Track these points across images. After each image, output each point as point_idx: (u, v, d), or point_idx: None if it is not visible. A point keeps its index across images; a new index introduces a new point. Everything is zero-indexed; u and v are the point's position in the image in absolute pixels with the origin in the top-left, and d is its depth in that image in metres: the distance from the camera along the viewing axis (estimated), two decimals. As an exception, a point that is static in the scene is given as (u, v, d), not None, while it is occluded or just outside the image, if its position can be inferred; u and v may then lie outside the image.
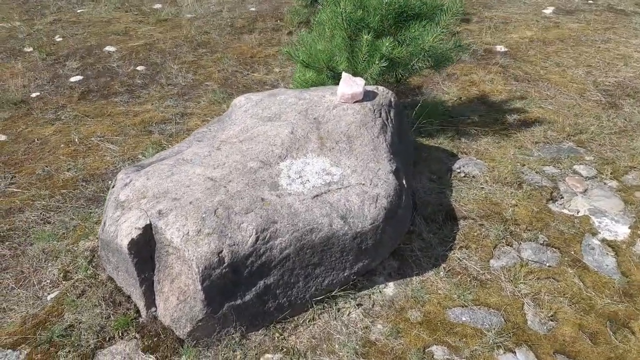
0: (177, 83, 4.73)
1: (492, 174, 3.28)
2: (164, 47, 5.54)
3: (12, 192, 3.33)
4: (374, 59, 3.07)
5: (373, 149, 2.59)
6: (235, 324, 2.23)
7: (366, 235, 2.32)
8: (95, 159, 3.63)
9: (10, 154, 3.74)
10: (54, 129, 4.05)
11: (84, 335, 2.30)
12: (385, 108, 2.83)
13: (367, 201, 2.34)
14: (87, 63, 5.22)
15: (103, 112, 4.26)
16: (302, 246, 2.23)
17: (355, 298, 2.45)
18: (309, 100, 2.90)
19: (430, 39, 3.02)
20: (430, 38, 3.02)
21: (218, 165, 2.48)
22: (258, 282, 2.21)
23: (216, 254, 2.11)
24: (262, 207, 2.26)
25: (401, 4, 3.15)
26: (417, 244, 2.74)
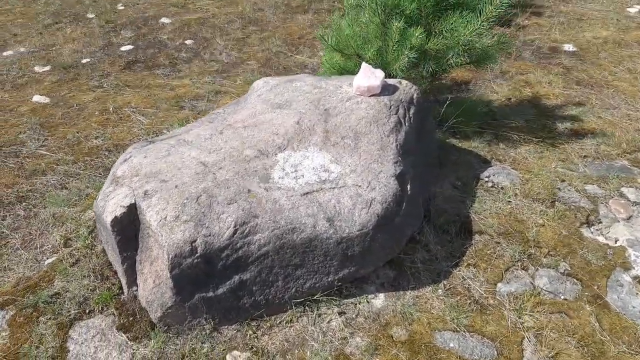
0: (220, 60, 4.70)
1: (524, 187, 2.96)
2: (216, 23, 5.54)
3: (41, 154, 3.46)
4: (404, 50, 2.84)
5: (380, 149, 2.39)
6: (206, 316, 2.16)
7: (353, 241, 2.15)
8: (123, 130, 3.68)
9: (49, 117, 3.88)
10: (93, 96, 4.15)
11: (67, 304, 2.33)
12: (404, 105, 2.61)
13: (359, 205, 2.17)
14: (140, 33, 5.32)
15: (142, 84, 4.32)
16: (282, 245, 2.10)
17: (339, 305, 2.30)
18: (324, 89, 2.73)
19: (466, 32, 2.73)
20: (466, 31, 2.73)
21: (214, 150, 2.40)
22: (233, 277, 2.12)
23: (189, 242, 2.03)
24: (247, 199, 2.15)
25: (440, -7, 2.88)
26: (421, 255, 2.52)
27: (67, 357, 2.12)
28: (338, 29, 3.14)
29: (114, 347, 2.16)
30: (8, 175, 3.25)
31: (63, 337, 2.20)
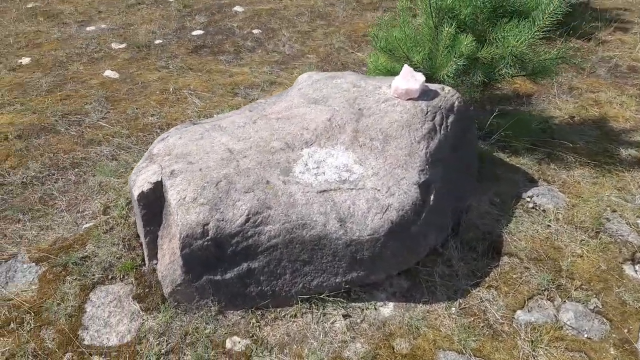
0: (282, 51, 4.77)
1: (568, 212, 2.76)
2: (286, 14, 5.61)
3: (100, 125, 3.69)
4: (452, 56, 2.73)
5: (407, 155, 2.32)
6: (213, 298, 2.21)
7: (362, 245, 2.11)
8: (177, 110, 3.84)
9: (115, 91, 4.12)
10: (158, 76, 4.36)
11: (93, 268, 2.47)
12: (442, 112, 2.51)
13: (374, 209, 2.12)
14: (213, 19, 5.51)
15: (204, 68, 4.47)
16: (292, 239, 2.11)
17: (345, 307, 2.27)
18: (363, 89, 2.69)
19: (516, 43, 2.58)
20: (516, 41, 2.58)
21: (243, 138, 2.44)
22: (242, 264, 2.15)
23: (202, 225, 2.09)
24: (264, 189, 2.17)
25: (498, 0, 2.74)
26: (440, 269, 2.43)
27: (83, 317, 2.25)
28: (388, 30, 3.08)
29: (126, 315, 2.26)
30: (68, 142, 3.50)
31: (83, 299, 2.34)
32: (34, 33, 5.26)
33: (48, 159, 3.33)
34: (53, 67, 4.60)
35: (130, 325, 2.23)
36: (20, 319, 2.24)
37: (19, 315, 2.25)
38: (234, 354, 2.11)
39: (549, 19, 2.58)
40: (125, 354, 2.11)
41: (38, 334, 2.18)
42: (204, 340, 2.14)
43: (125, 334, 2.19)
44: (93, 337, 2.18)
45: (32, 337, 2.16)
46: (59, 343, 2.14)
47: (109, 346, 2.14)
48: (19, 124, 3.69)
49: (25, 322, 2.23)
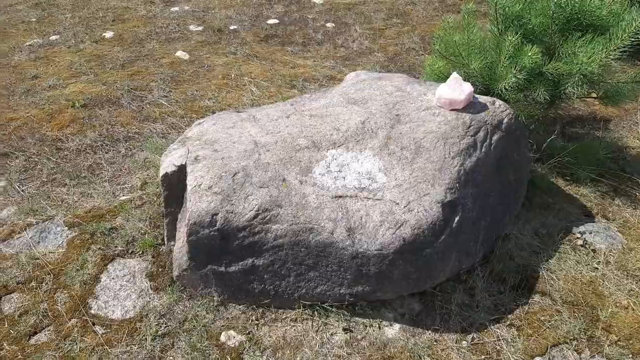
0: (350, 47, 4.67)
1: (622, 256, 2.44)
2: (363, 10, 5.49)
3: (160, 103, 3.81)
4: (513, 68, 2.50)
5: (438, 170, 2.15)
6: (216, 289, 2.19)
7: (369, 259, 1.98)
8: (234, 96, 3.88)
9: (181, 72, 4.25)
10: (224, 61, 4.44)
11: (117, 240, 2.56)
12: (487, 128, 2.30)
13: (387, 223, 1.99)
14: (290, 10, 5.52)
15: (270, 57, 4.49)
16: (298, 242, 2.03)
17: (349, 321, 2.16)
18: (406, 94, 2.53)
19: (586, 60, 2.30)
20: (587, 58, 2.29)
21: (272, 132, 2.39)
22: (247, 259, 2.11)
23: (211, 214, 2.07)
24: (278, 187, 2.11)
25: (576, 7, 2.45)
26: (460, 297, 2.24)
27: (96, 286, 2.33)
28: (450, 33, 2.88)
29: (136, 291, 2.31)
30: (127, 115, 3.65)
31: (101, 268, 2.42)
32: (122, 9, 5.56)
33: (105, 130, 3.49)
34: (132, 43, 4.83)
35: (137, 301, 2.27)
36: (41, 279, 2.36)
37: (40, 275, 2.37)
38: (226, 348, 2.07)
39: (628, 38, 2.27)
40: (124, 329, 2.15)
41: (53, 296, 2.28)
42: (200, 330, 2.13)
43: (129, 309, 2.23)
44: (100, 307, 2.24)
45: (47, 298, 2.27)
46: (69, 308, 2.23)
47: (112, 319, 2.20)
48: (88, 94, 3.91)
49: (44, 283, 2.34)
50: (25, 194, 2.92)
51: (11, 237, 2.60)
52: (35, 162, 3.20)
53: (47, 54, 4.64)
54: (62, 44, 4.84)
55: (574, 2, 2.46)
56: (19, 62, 4.51)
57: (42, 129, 3.50)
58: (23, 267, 2.41)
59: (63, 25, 5.23)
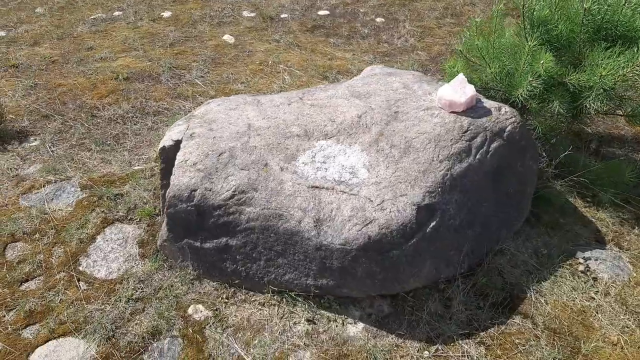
0: (393, 43, 4.58)
1: (626, 289, 2.24)
2: (418, 7, 5.36)
3: (195, 83, 3.95)
4: (528, 75, 2.35)
5: (422, 172, 2.07)
6: (192, 263, 2.25)
7: (332, 253, 1.95)
8: (265, 82, 3.94)
9: (222, 55, 4.38)
10: (266, 48, 4.51)
11: (120, 206, 2.69)
12: (486, 134, 2.19)
13: (355, 219, 1.95)
14: (344, 2, 5.50)
15: (311, 47, 4.50)
16: (268, 227, 2.04)
17: (315, 313, 2.15)
18: (411, 92, 2.46)
19: (605, 73, 2.11)
20: (606, 71, 2.11)
21: (268, 117, 2.41)
22: (221, 238, 2.15)
23: (190, 189, 2.13)
24: (259, 170, 2.13)
25: (607, 15, 2.26)
26: (434, 307, 2.16)
27: (91, 246, 2.47)
28: (474, 34, 2.75)
29: (124, 255, 2.43)
30: (162, 91, 3.82)
31: (99, 230, 2.56)
32: (184, -9, 5.79)
33: (139, 102, 3.67)
34: (185, 24, 5.03)
35: (122, 265, 2.38)
36: (44, 233, 2.53)
37: (45, 229, 2.55)
38: (191, 320, 2.13)
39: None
40: (104, 288, 2.26)
41: (50, 249, 2.45)
42: (171, 299, 2.20)
43: (113, 271, 2.35)
44: (88, 265, 2.38)
45: (45, 250, 2.44)
46: (61, 262, 2.38)
47: (96, 277, 2.32)
48: (133, 68, 4.12)
49: (47, 236, 2.51)
50: (54, 154, 3.14)
51: (30, 192, 2.81)
52: (70, 126, 3.42)
53: (106, 28, 4.94)
54: (122, 20, 5.13)
55: (605, 10, 2.27)
56: (80, 33, 4.84)
57: (84, 97, 3.74)
58: (32, 219, 2.60)
59: (127, 2, 5.54)
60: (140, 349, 2.04)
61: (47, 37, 4.76)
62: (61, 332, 2.09)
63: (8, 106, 3.61)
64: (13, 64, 4.18)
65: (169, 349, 2.04)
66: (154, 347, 2.05)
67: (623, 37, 2.29)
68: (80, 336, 2.07)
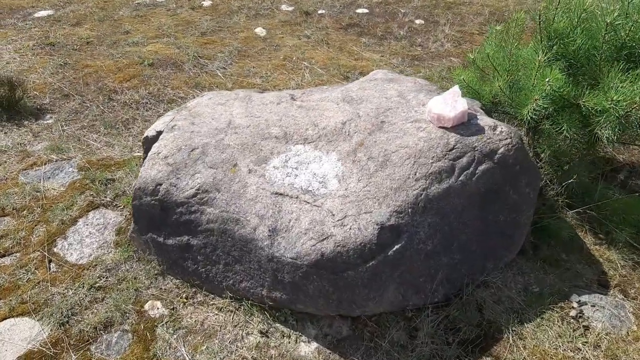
0: (427, 47, 4.36)
1: (621, 344, 1.97)
2: (463, 10, 5.08)
3: (215, 74, 3.93)
4: (536, 93, 2.12)
5: (394, 189, 1.91)
6: (157, 257, 2.21)
7: (283, 266, 1.84)
8: (284, 78, 3.85)
9: (250, 48, 4.33)
10: (294, 43, 4.42)
11: (109, 192, 2.70)
12: (474, 154, 1.99)
13: (312, 233, 1.82)
14: (386, 1, 5.31)
15: (340, 46, 4.37)
16: (225, 231, 1.96)
17: (270, 325, 2.04)
18: (405, 101, 2.29)
19: (617, 97, 1.85)
20: (618, 95, 1.85)
21: (252, 115, 2.32)
22: (183, 236, 2.09)
23: (155, 183, 2.08)
24: (226, 170, 2.05)
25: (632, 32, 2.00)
26: (397, 335, 1.99)
27: (70, 228, 2.49)
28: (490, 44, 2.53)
29: (99, 241, 2.43)
30: (181, 80, 3.82)
31: (83, 213, 2.58)
32: (229, -18, 5.79)
33: (157, 89, 3.70)
34: (223, 14, 5.03)
35: (95, 251, 2.38)
36: (32, 210, 2.58)
37: (33, 207, 2.60)
38: (145, 316, 2.09)
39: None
40: (72, 272, 2.27)
41: (33, 227, 2.49)
42: (131, 292, 2.17)
43: (85, 256, 2.35)
44: (63, 248, 2.39)
45: (27, 228, 2.48)
46: (38, 241, 2.41)
47: (67, 260, 2.33)
48: (160, 54, 4.16)
49: (33, 214, 2.56)
50: (63, 134, 3.21)
51: (31, 168, 2.88)
52: (87, 107, 3.50)
53: (147, 14, 5.03)
54: (163, 6, 5.20)
55: (630, 26, 1.99)
56: (121, 16, 4.95)
57: (107, 79, 3.81)
58: (25, 196, 2.65)
59: (172, -11, 5.62)
60: (90, 338, 2.02)
61: (90, 18, 4.90)
62: (20, 311, 2.10)
63: (35, 83, 3.74)
64: (50, 42, 4.33)
65: (117, 342, 2.01)
66: (103, 339, 2.02)
67: (649, 59, 2.01)
68: (37, 318, 2.07)
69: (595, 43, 2.11)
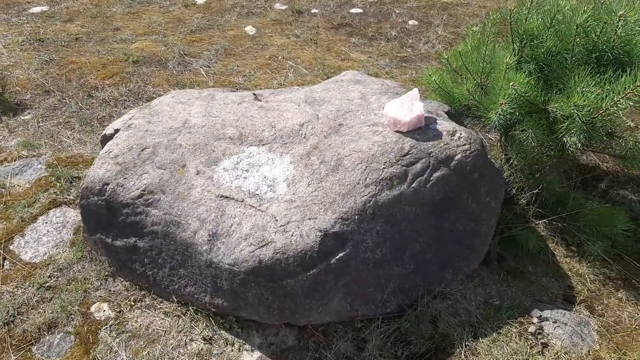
0: (417, 49, 4.25)
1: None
2: (459, 12, 4.97)
3: (198, 72, 3.88)
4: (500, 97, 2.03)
5: (342, 195, 1.83)
6: (107, 259, 2.17)
7: (221, 272, 1.77)
8: (266, 78, 3.79)
9: (237, 46, 4.28)
10: (282, 42, 4.36)
11: (73, 190, 2.67)
12: (429, 160, 1.90)
13: (252, 238, 1.75)
14: (381, 1, 5.21)
15: (328, 46, 4.29)
16: (168, 234, 1.90)
17: (215, 332, 1.98)
18: (367, 104, 2.21)
19: (580, 102, 1.75)
20: (581, 100, 1.74)
21: (210, 115, 2.26)
22: (130, 237, 2.04)
23: (102, 183, 2.03)
24: (174, 171, 1.99)
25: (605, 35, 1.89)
26: (344, 347, 1.91)
27: (29, 226, 2.45)
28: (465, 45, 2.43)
29: (55, 240, 2.39)
30: (163, 78, 3.78)
31: (44, 211, 2.54)
32: (226, -20, 5.75)
33: (137, 86, 3.66)
34: (215, 12, 4.99)
35: (50, 250, 2.35)
36: (-6, 206, 2.56)
37: (-5, 203, 2.57)
38: (91, 319, 2.05)
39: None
40: (24, 271, 2.23)
41: (-8, 223, 2.46)
42: (80, 293, 2.13)
43: (39, 255, 2.32)
44: (19, 245, 2.36)
45: (-14, 224, 2.45)
46: (-6, 238, 2.39)
47: (21, 259, 2.30)
48: (146, 51, 4.13)
49: (-6, 211, 2.53)
50: (38, 129, 3.19)
51: (1, 164, 2.86)
52: (66, 103, 3.47)
53: (139, 10, 5.01)
54: (157, 3, 5.18)
55: (602, 28, 1.89)
56: (114, 13, 4.94)
57: (89, 76, 3.78)
58: (-11, 192, 2.63)
59: (167, -13, 5.59)
60: (33, 339, 1.98)
61: (82, 14, 4.90)
62: (-33, 309, 2.08)
63: (19, 78, 3.73)
64: (40, 38, 4.33)
65: (59, 344, 1.97)
66: (45, 340, 1.98)
67: (618, 62, 1.90)
68: (-18, 316, 2.04)
69: (567, 45, 2.00)
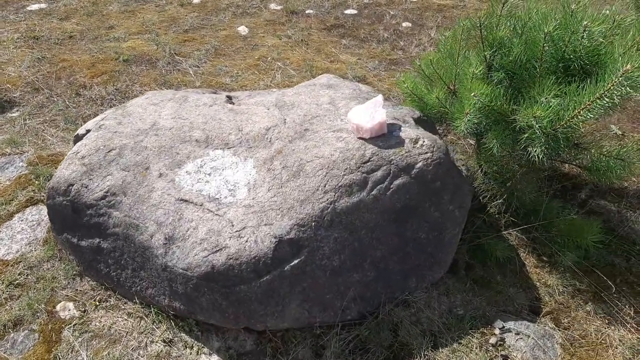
0: (408, 51, 4.23)
1: (539, 378, 1.84)
2: (455, 14, 4.93)
3: (187, 72, 3.90)
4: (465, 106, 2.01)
5: (301, 201, 1.83)
6: (75, 259, 2.18)
7: (175, 276, 1.78)
8: (254, 79, 3.79)
9: (227, 46, 4.29)
10: (273, 43, 4.36)
11: (51, 187, 2.69)
12: (390, 168, 1.89)
13: (207, 243, 1.75)
14: (377, 2, 5.19)
15: (318, 47, 4.28)
16: (127, 236, 1.91)
17: (175, 335, 1.99)
18: (334, 109, 2.20)
19: (540, 113, 1.72)
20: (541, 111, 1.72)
21: (180, 117, 2.27)
22: (95, 238, 2.05)
23: (68, 183, 2.05)
24: (137, 174, 2.00)
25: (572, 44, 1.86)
26: (302, 353, 1.91)
27: (5, 223, 2.48)
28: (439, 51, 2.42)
29: (29, 238, 2.41)
30: (152, 77, 3.80)
31: (21, 208, 2.57)
32: (223, -21, 5.76)
33: (125, 85, 3.68)
34: (210, 11, 5.00)
35: (23, 248, 2.37)
36: (-28, 203, 2.59)
37: (-26, 199, 2.60)
38: (55, 317, 2.07)
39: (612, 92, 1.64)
40: (-6, 268, 2.26)
41: (-32, 220, 2.49)
42: (47, 292, 2.15)
43: (11, 252, 2.34)
44: (-8, 243, 2.39)
45: (-38, 221, 2.48)
46: (-31, 234, 2.41)
47: (-8, 256, 2.33)
48: (137, 50, 4.16)
49: (-28, 207, 2.56)
50: (24, 127, 3.22)
51: (-17, 162, 2.89)
52: (53, 101, 3.51)
53: (135, 9, 5.04)
54: (153, 2, 5.21)
55: (570, 36, 1.86)
56: (109, 11, 4.97)
57: (79, 74, 3.82)
58: (-32, 189, 2.67)
59: (165, -15, 5.62)
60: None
61: (79, 12, 4.94)
62: None
63: (10, 76, 3.78)
64: (35, 36, 4.38)
65: (22, 342, 1.99)
66: (10, 337, 2.00)
67: (585, 72, 1.87)
68: (-51, 313, 2.07)
69: (536, 54, 1.98)
